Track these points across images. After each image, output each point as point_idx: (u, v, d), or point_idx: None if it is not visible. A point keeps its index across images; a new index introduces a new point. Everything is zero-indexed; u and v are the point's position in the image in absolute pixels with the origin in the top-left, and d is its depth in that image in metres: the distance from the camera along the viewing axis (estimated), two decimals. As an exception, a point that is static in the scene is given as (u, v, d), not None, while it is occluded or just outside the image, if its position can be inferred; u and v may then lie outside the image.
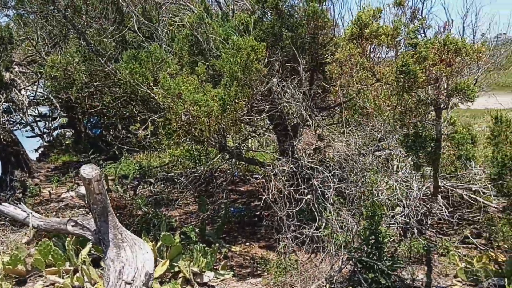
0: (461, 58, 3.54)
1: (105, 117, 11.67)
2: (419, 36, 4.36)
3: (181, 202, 7.83)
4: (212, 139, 5.78)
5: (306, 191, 5.98)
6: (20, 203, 4.21)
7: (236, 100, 5.15)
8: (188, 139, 5.58)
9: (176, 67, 5.29)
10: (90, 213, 3.34)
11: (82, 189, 3.19)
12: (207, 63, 5.49)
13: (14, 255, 5.40)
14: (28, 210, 4.00)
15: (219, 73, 5.80)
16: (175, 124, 4.89)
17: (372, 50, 5.04)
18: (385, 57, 5.85)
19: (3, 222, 6.75)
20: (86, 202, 3.20)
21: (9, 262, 5.37)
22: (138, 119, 7.46)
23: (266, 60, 5.26)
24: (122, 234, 3.19)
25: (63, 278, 5.31)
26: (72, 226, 3.50)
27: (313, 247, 5.66)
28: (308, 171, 5.87)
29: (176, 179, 8.00)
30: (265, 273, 5.50)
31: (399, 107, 4.16)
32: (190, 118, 4.93)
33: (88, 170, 3.05)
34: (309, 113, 5.93)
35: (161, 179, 8.88)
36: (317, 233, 5.60)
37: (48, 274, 5.38)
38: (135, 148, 9.52)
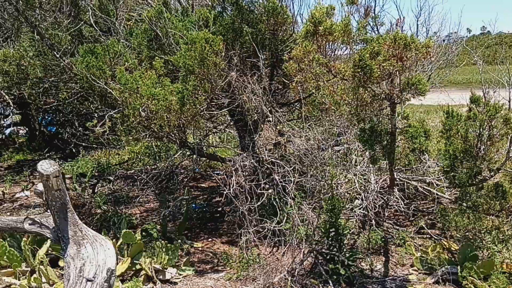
0: (411, 53, 3.67)
1: (61, 114, 11.36)
2: (373, 33, 4.49)
3: (141, 200, 7.74)
4: (172, 135, 5.74)
5: (267, 186, 6.05)
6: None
7: (196, 95, 5.13)
8: (147, 135, 5.52)
9: (134, 61, 5.22)
10: (48, 211, 3.26)
11: (40, 186, 3.09)
12: (166, 58, 5.44)
13: (-35, 258, 5.18)
14: (-19, 210, 3.83)
15: (178, 68, 5.76)
16: (133, 119, 4.83)
17: (328, 47, 5.15)
18: (342, 54, 6.00)
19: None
20: (44, 199, 3.12)
21: (-40, 265, 5.16)
22: (96, 115, 7.30)
23: (224, 55, 5.26)
24: (82, 231, 3.13)
25: (19, 280, 5.15)
26: (30, 224, 3.39)
27: (275, 241, 5.72)
28: (269, 166, 5.93)
29: (136, 176, 7.88)
30: (228, 268, 5.52)
31: (355, 102, 4.27)
32: (149, 113, 4.88)
33: (46, 166, 2.97)
34: (270, 108, 6.00)
35: (121, 176, 8.73)
36: (278, 227, 5.67)
37: (3, 276, 5.19)
38: (94, 145, 9.33)
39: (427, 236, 6.09)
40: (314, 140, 6.01)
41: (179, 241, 5.67)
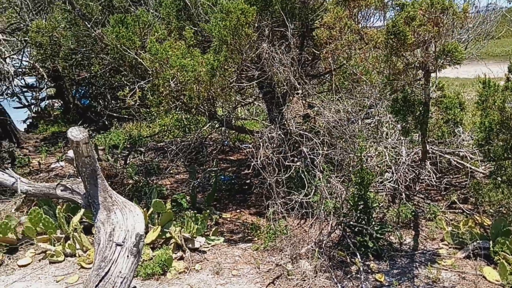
0: (448, 18, 3.51)
1: (94, 87, 11.55)
2: (408, -2, 4.31)
3: (171, 171, 7.85)
4: (202, 107, 5.75)
5: (295, 158, 6.02)
6: (8, 169, 4.18)
7: (226, 66, 5.09)
8: (177, 107, 5.54)
9: (163, 32, 5.21)
10: (79, 178, 3.34)
11: (70, 153, 3.16)
12: (195, 29, 5.41)
13: (4, 224, 5.40)
14: (16, 176, 3.97)
15: (207, 38, 5.72)
16: (163, 90, 4.85)
17: (360, 15, 5.00)
18: (374, 23, 5.81)
19: (-8, 192, 6.73)
20: (75, 165, 3.18)
21: None
22: (127, 88, 7.37)
23: (256, 25, 5.18)
24: (112, 197, 3.20)
25: (54, 246, 5.34)
26: (61, 190, 3.48)
27: (302, 213, 5.72)
28: (297, 138, 5.88)
29: (166, 148, 7.98)
30: (256, 238, 5.57)
31: (387, 70, 4.14)
32: (179, 84, 4.88)
33: (76, 133, 3.02)
34: (299, 80, 5.90)
35: (151, 148, 8.86)
36: (306, 199, 5.65)
37: (39, 242, 5.40)
38: (125, 117, 9.47)
39: (459, 210, 5.96)
40: (344, 112, 5.90)
41: (208, 211, 5.73)
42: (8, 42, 8.64)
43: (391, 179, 5.97)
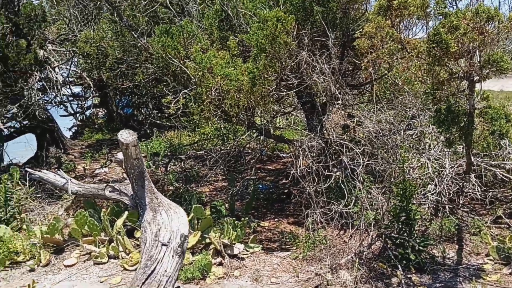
0: (494, 27, 3.45)
1: (136, 97, 11.88)
2: (451, 8, 4.26)
3: (210, 179, 7.95)
4: (241, 115, 5.82)
5: (335, 168, 5.99)
6: (59, 171, 4.37)
7: (265, 75, 5.16)
8: (217, 116, 5.64)
9: (206, 42, 5.33)
10: (127, 180, 3.45)
11: (120, 155, 3.28)
12: (237, 39, 5.51)
13: (52, 225, 5.62)
14: (67, 177, 4.15)
15: (248, 48, 5.81)
16: (205, 98, 4.95)
17: (402, 25, 4.96)
18: (416, 33, 5.75)
19: (40, 195, 7.01)
20: (124, 167, 3.30)
21: (47, 231, 5.60)
22: (170, 97, 7.56)
23: (295, 34, 5.23)
24: (158, 198, 3.29)
25: (98, 248, 5.51)
26: (110, 191, 3.62)
27: (342, 224, 5.67)
28: (337, 148, 5.85)
29: (206, 156, 8.10)
30: (294, 248, 5.56)
31: (430, 80, 4.09)
32: (221, 93, 4.98)
33: (126, 135, 3.14)
34: (339, 90, 5.89)
35: (191, 156, 9.02)
36: (346, 209, 5.60)
37: (84, 243, 5.58)
38: (167, 124, 9.68)
39: (505, 225, 5.76)
40: (386, 122, 5.84)
41: (247, 219, 5.77)
42: (57, 52, 9.03)
43: (434, 191, 5.84)
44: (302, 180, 5.55)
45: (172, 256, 3.05)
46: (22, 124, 9.38)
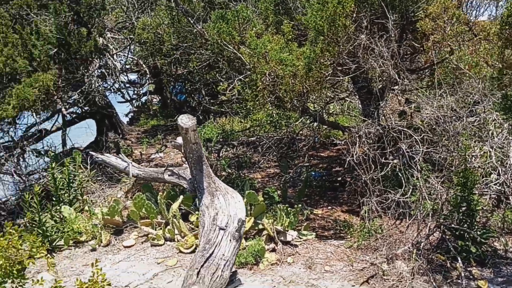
0: None
1: (190, 84, 12.04)
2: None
3: (262, 165, 7.96)
4: (295, 101, 5.75)
5: (391, 156, 5.81)
6: (121, 154, 4.51)
7: (322, 60, 5.06)
8: (271, 102, 5.60)
9: (261, 27, 5.29)
10: (185, 164, 3.50)
11: (179, 139, 3.33)
12: (292, 23, 5.42)
13: (112, 207, 5.83)
14: (128, 160, 4.28)
15: (303, 32, 5.71)
16: (260, 84, 4.92)
17: (469, 4, 4.70)
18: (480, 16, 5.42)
19: (100, 178, 7.29)
20: (183, 151, 3.35)
21: (108, 213, 5.81)
22: (225, 83, 7.60)
23: (354, 17, 5.08)
24: (215, 183, 3.32)
25: (155, 230, 5.66)
26: (169, 175, 3.69)
27: (399, 213, 5.50)
28: (395, 135, 5.67)
29: (258, 142, 8.11)
30: (348, 236, 5.48)
31: (499, 63, 3.84)
32: (275, 78, 4.93)
33: (185, 120, 3.18)
34: (398, 74, 5.69)
35: (243, 142, 9.05)
36: (403, 199, 5.43)
37: (142, 225, 5.76)
38: (219, 110, 9.76)
39: None
40: (447, 108, 5.58)
41: (300, 206, 5.73)
42: (115, 39, 9.29)
43: (497, 181, 5.54)
44: (357, 167, 5.43)
45: (230, 240, 3.07)
46: (83, 110, 9.75)
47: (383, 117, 5.78)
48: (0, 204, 7.47)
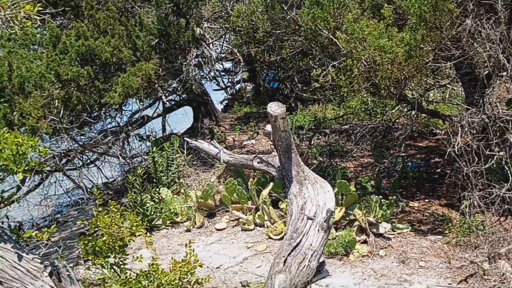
0: None
1: (282, 71, 12.06)
2: None
3: (355, 154, 7.76)
4: (392, 88, 5.50)
5: (497, 147, 5.36)
6: (213, 141, 4.68)
7: (422, 45, 4.78)
8: (366, 89, 5.41)
9: (357, 11, 5.11)
10: (274, 152, 3.52)
11: (268, 127, 3.35)
12: (390, 6, 5.16)
13: (205, 191, 6.06)
14: (220, 147, 4.41)
15: (401, 16, 5.43)
16: (355, 70, 4.77)
17: None
18: None
19: (196, 162, 7.60)
20: (271, 139, 3.36)
21: (202, 196, 6.06)
22: (319, 69, 7.50)
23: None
24: (304, 171, 3.30)
25: (246, 215, 5.79)
26: (258, 162, 3.74)
27: (504, 209, 5.08)
28: (502, 124, 5.21)
29: (351, 130, 7.92)
30: (446, 232, 5.17)
31: None
32: (372, 65, 4.75)
33: (275, 108, 3.18)
34: (507, 58, 5.19)
35: (336, 130, 8.90)
36: (509, 194, 5.00)
37: (233, 210, 5.92)
38: (312, 97, 9.68)
39: None
40: None
41: (394, 198, 5.50)
42: (211, 29, 9.55)
43: None
44: (458, 159, 5.08)
45: (318, 230, 3.04)
46: (181, 98, 10.20)
47: (488, 106, 5.34)
48: (108, 184, 8.14)
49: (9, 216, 4.36)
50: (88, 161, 7.76)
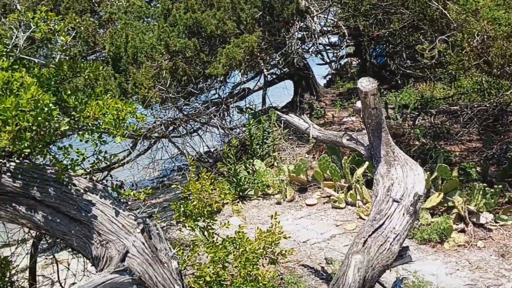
0: None
1: (390, 46, 11.50)
2: None
3: (462, 137, 7.21)
4: (506, 66, 4.98)
5: None
6: (303, 115, 4.67)
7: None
8: (478, 67, 4.96)
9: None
10: (364, 130, 3.40)
11: (359, 104, 3.23)
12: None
13: (298, 166, 6.08)
14: (310, 122, 4.37)
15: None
16: (466, 45, 4.39)
17: None
18: None
19: (292, 137, 7.64)
20: (361, 116, 3.25)
21: (294, 171, 6.09)
22: (426, 44, 7.03)
23: None
24: (394, 152, 3.14)
25: (337, 193, 5.72)
26: (347, 139, 3.63)
27: None
28: None
29: (460, 112, 7.35)
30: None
31: None
32: (485, 40, 4.33)
33: (365, 83, 3.05)
34: None
35: (443, 111, 8.33)
36: None
37: (325, 186, 5.88)
38: (420, 75, 9.14)
39: None
40: None
41: (500, 186, 5.04)
42: (316, 1, 9.34)
43: None
44: None
45: (403, 214, 2.89)
46: (282, 71, 10.23)
47: None
48: (209, 153, 8.54)
49: (113, 176, 4.77)
50: (192, 130, 8.18)
